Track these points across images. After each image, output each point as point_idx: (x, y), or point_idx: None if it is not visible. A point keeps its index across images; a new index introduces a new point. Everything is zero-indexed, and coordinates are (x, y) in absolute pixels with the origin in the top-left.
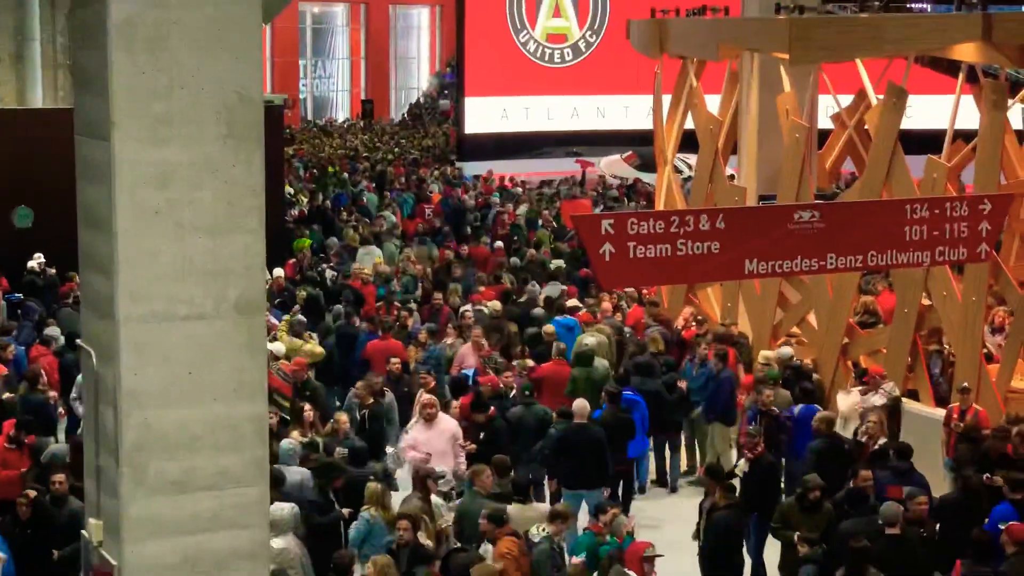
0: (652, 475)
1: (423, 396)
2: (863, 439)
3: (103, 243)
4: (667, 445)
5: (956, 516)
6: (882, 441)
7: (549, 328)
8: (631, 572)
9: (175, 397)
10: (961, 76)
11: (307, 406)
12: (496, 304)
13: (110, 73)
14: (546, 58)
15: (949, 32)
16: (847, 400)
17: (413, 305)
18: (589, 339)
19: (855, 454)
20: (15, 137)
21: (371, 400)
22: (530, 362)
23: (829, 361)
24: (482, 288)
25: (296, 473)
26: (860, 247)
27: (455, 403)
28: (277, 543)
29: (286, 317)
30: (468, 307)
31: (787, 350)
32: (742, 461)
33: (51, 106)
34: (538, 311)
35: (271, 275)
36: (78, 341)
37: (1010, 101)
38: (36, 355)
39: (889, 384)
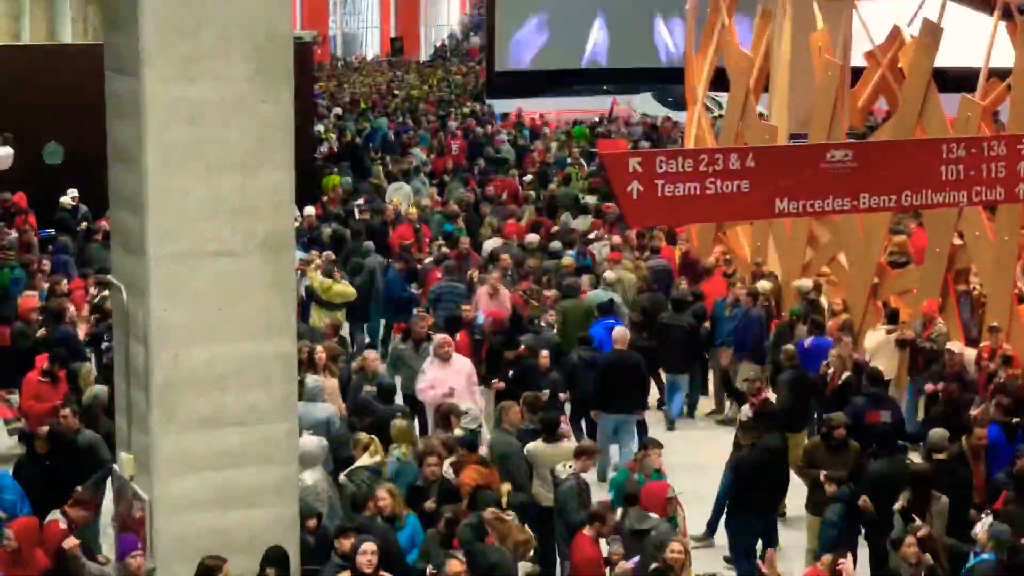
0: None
1: (437, 336)
2: (826, 372)
3: (133, 180)
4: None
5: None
6: (846, 375)
7: (567, 260)
8: (651, 513)
9: (204, 334)
10: (996, 13)
11: (319, 348)
12: (533, 237)
13: (139, 10)
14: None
15: None
16: (874, 338)
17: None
18: (610, 274)
19: (821, 386)
20: (46, 72)
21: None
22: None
23: (859, 301)
24: (509, 221)
25: (324, 410)
26: (894, 187)
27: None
28: (306, 478)
29: (316, 255)
30: (500, 244)
31: (806, 282)
32: (745, 407)
33: (81, 42)
34: (555, 244)
35: (301, 213)
36: (108, 277)
37: None
38: (73, 287)
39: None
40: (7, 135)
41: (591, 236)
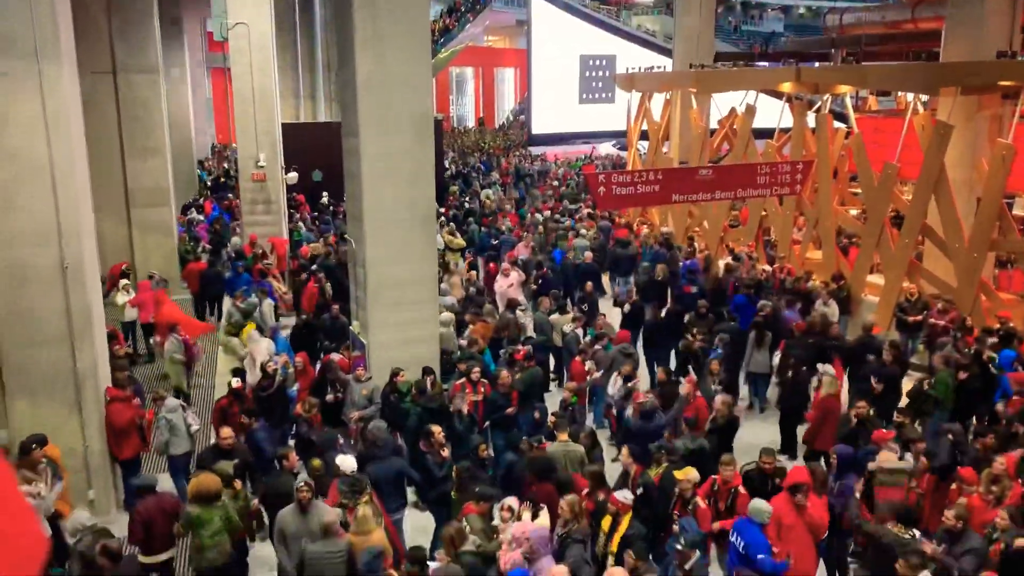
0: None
1: (504, 266)
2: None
3: (356, 187)
4: None
5: None
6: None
7: (567, 224)
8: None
9: (392, 261)
10: (784, 99)
11: (451, 268)
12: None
13: (358, 103)
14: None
15: (777, 76)
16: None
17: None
18: (584, 231)
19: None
20: (313, 136)
21: None
22: None
23: (713, 244)
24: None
25: (449, 298)
26: (732, 187)
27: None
28: (442, 330)
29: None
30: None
31: (669, 229)
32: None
33: (329, 120)
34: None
35: (439, 206)
36: (346, 235)
37: (808, 112)
38: (333, 240)
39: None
40: (294, 166)
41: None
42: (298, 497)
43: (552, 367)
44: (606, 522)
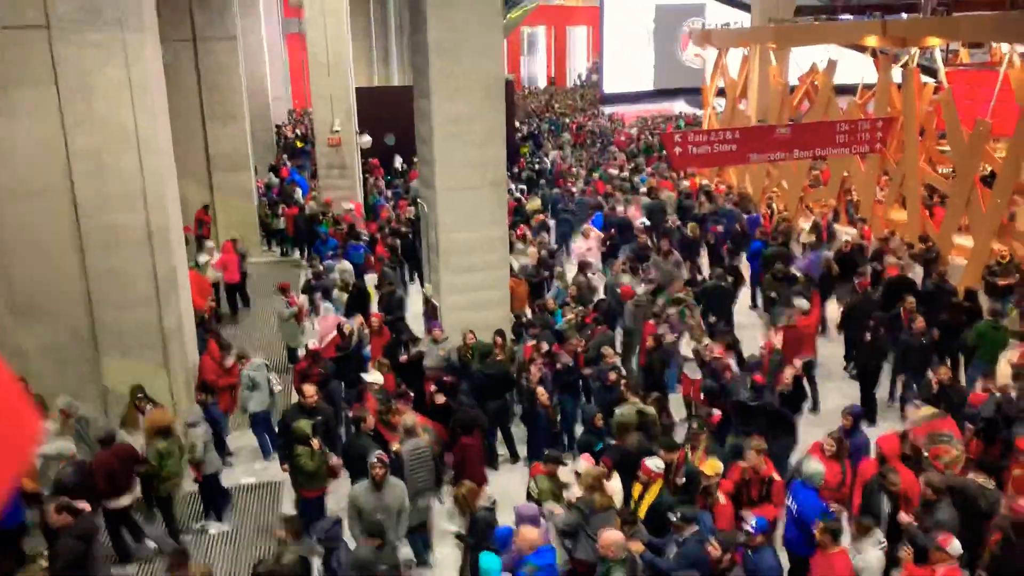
0: None
1: (586, 227)
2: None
3: (427, 151)
4: None
5: None
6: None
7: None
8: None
9: (463, 226)
10: (868, 53)
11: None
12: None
13: (429, 67)
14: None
15: (861, 30)
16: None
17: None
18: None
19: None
20: (386, 100)
21: None
22: None
23: (792, 206)
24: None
25: (525, 259)
26: (811, 145)
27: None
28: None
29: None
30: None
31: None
32: None
33: (402, 84)
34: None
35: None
36: (418, 199)
37: (893, 67)
38: (401, 205)
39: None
40: (367, 131)
41: (649, 169)
42: (372, 474)
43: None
44: (636, 489)
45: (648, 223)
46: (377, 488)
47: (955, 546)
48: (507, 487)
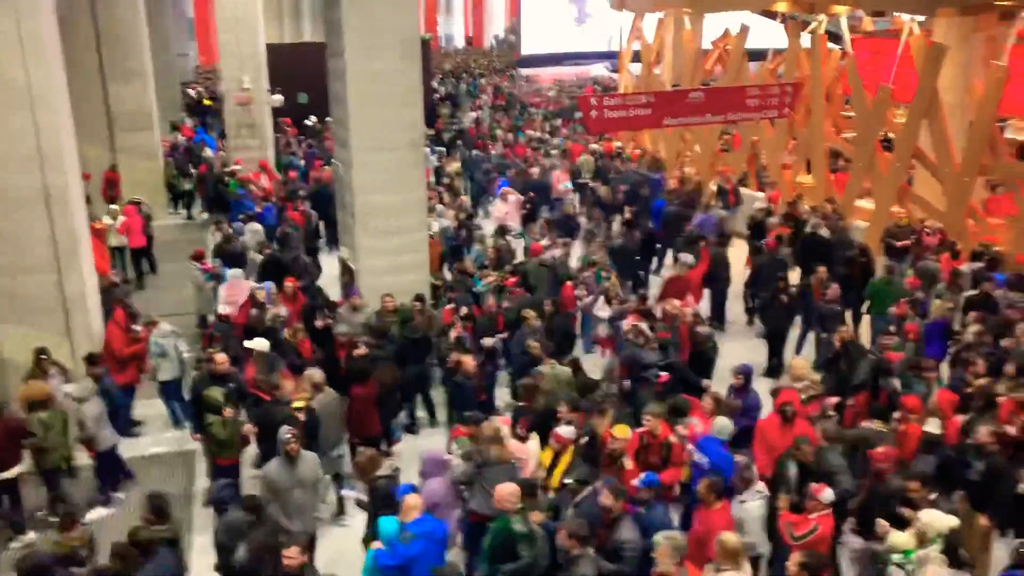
0: None
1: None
2: None
3: (342, 111)
4: None
5: None
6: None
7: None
8: None
9: (380, 188)
10: (779, 19)
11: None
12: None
13: (344, 24)
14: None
15: None
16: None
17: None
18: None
19: None
20: (298, 57)
21: None
22: None
23: (704, 170)
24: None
25: (444, 221)
26: (723, 110)
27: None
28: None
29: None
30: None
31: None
32: None
33: (314, 40)
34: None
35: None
36: (333, 160)
37: (802, 33)
38: (317, 165)
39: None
40: (279, 89)
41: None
42: (286, 449)
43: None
44: (546, 456)
45: (571, 186)
46: (291, 463)
47: (827, 494)
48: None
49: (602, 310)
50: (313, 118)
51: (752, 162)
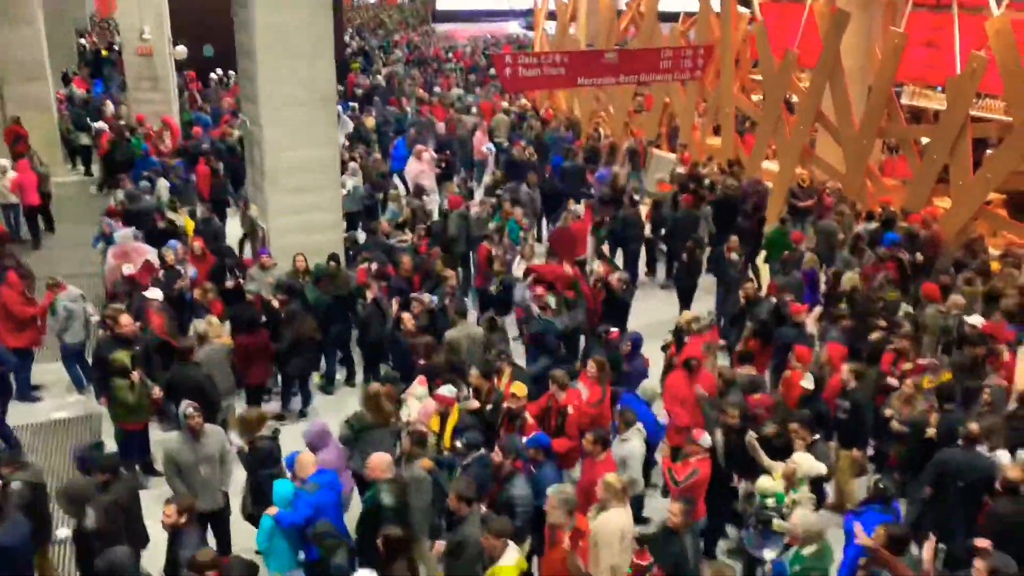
0: None
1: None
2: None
3: (250, 65)
4: None
5: None
6: None
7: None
8: None
9: (290, 144)
10: None
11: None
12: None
13: None
14: None
15: None
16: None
17: None
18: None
19: None
20: (203, 7)
21: None
22: None
23: (617, 130)
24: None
25: (353, 180)
26: (636, 71)
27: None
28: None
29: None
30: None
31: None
32: None
33: None
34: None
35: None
36: (240, 114)
37: None
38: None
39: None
40: (182, 40)
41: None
42: (188, 425)
43: None
44: (434, 422)
45: (494, 148)
46: (195, 439)
47: (705, 439)
48: (348, 410)
49: (518, 269)
50: (220, 71)
51: (663, 123)
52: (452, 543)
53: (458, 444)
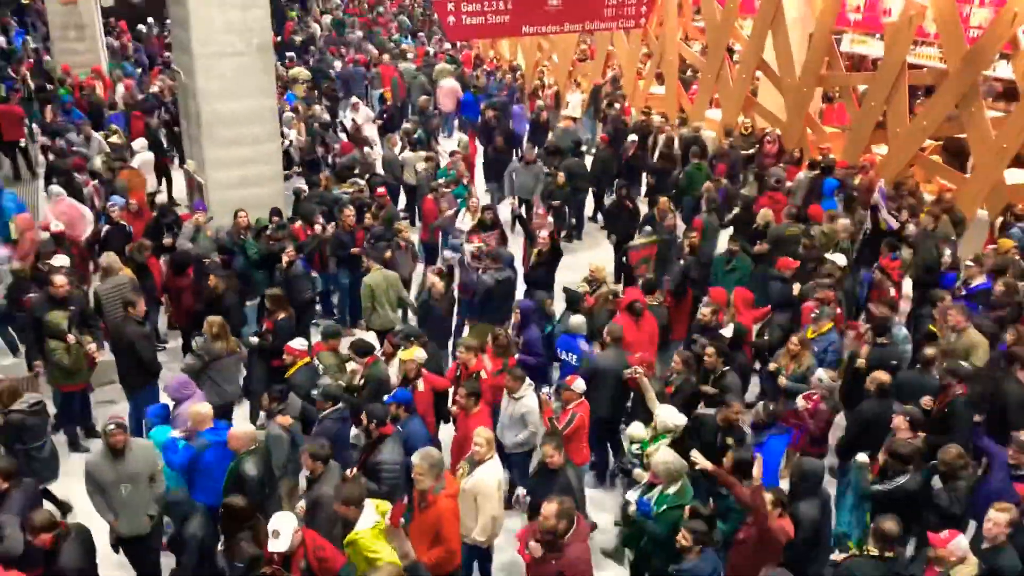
0: None
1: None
2: None
3: (181, 12)
4: None
5: None
6: None
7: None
8: None
9: (226, 95)
10: None
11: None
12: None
13: None
14: None
15: None
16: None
17: None
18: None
19: None
20: None
21: None
22: None
23: (561, 79)
24: None
25: (293, 134)
26: (580, 19)
27: None
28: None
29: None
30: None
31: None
32: None
33: None
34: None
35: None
36: (173, 65)
37: None
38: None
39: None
40: None
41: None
42: (110, 442)
43: (403, 205)
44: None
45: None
46: (115, 456)
47: (579, 384)
48: None
49: (464, 223)
50: (151, 20)
51: (605, 72)
52: (309, 502)
53: (315, 394)
